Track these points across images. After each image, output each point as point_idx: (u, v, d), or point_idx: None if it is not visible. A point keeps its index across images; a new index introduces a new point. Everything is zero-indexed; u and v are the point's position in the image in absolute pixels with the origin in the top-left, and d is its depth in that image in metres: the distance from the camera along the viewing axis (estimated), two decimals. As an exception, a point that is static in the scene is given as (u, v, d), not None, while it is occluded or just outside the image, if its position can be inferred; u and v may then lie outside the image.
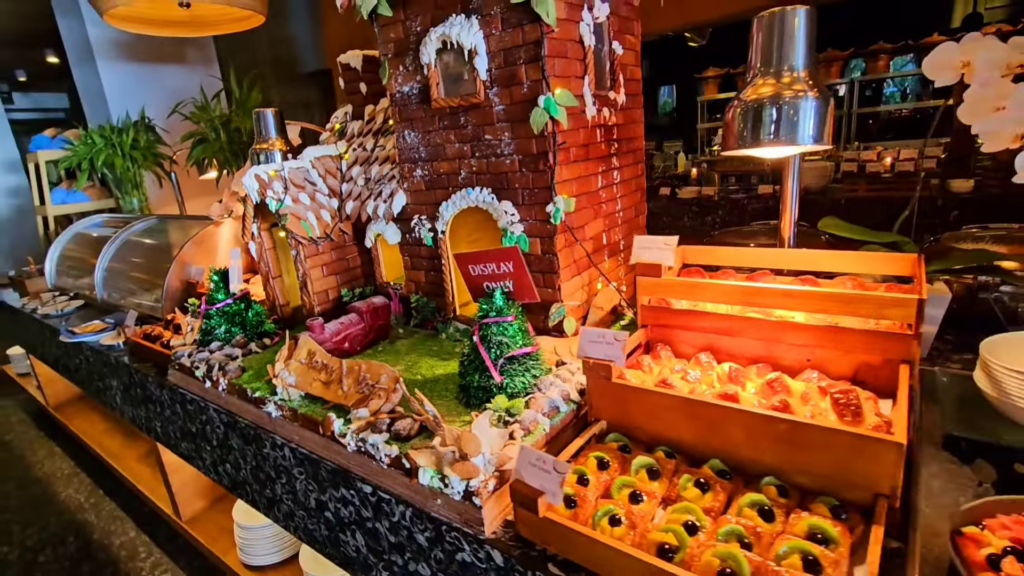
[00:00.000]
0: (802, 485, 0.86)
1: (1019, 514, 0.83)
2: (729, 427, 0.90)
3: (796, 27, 0.97)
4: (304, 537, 1.35)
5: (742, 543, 0.75)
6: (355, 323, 1.50)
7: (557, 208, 1.21)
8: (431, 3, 1.26)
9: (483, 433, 0.94)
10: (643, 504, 0.85)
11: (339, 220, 1.64)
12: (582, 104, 1.26)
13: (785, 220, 1.40)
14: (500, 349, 1.10)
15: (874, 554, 0.70)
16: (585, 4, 1.23)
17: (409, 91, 1.38)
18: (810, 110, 0.97)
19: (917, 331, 0.94)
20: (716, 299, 1.15)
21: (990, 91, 0.99)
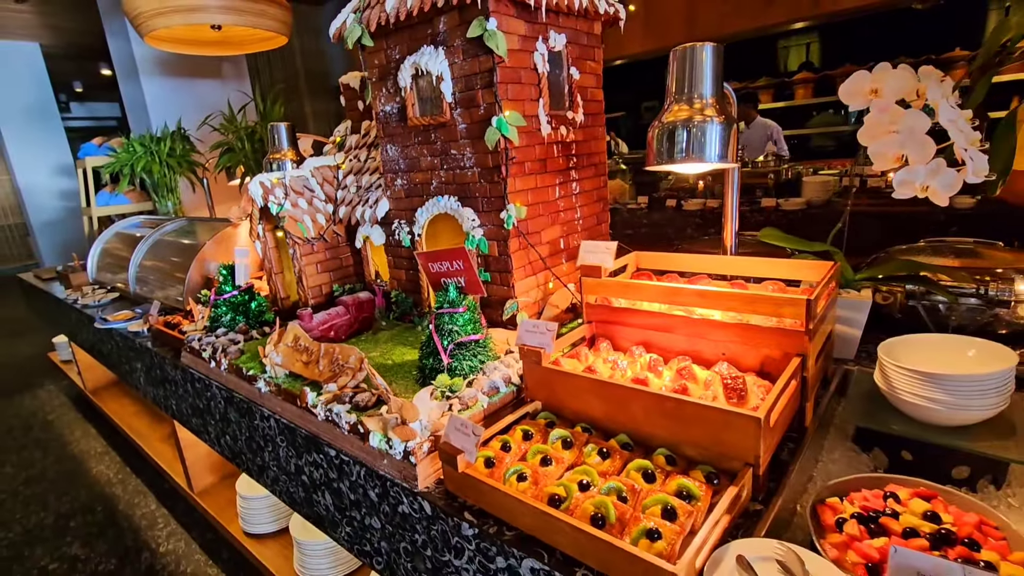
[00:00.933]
0: (689, 456, 0.99)
1: (878, 489, 0.95)
2: (632, 406, 1.04)
3: (704, 60, 1.11)
4: (286, 499, 1.53)
5: (620, 496, 0.89)
6: (341, 315, 1.69)
7: (509, 215, 1.37)
8: (406, 36, 1.44)
9: (423, 404, 1.10)
10: (551, 467, 1.00)
11: (333, 223, 1.83)
12: (536, 123, 1.42)
13: (727, 230, 1.53)
14: (451, 336, 1.26)
15: (721, 508, 0.83)
16: (540, 36, 1.39)
17: (390, 110, 1.57)
18: (715, 133, 1.11)
19: (807, 328, 1.06)
20: (644, 298, 1.29)
21: (886, 116, 1.10)
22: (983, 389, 0.98)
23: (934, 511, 0.86)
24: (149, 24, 2.90)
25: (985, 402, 0.99)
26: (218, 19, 2.93)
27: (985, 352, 1.07)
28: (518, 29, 1.33)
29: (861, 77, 1.21)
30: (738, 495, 0.88)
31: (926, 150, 1.02)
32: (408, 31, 1.44)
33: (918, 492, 0.91)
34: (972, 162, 1.00)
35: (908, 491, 0.92)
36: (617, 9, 1.59)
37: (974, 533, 0.82)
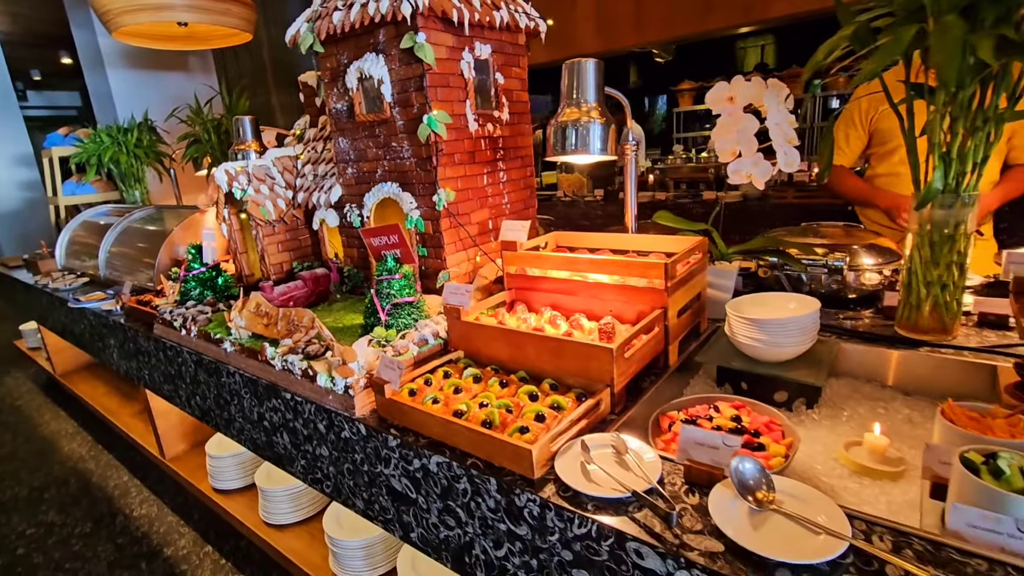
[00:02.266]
0: (569, 383, 1.27)
1: (707, 404, 1.24)
2: (527, 348, 1.31)
3: (588, 72, 1.39)
4: (250, 446, 1.76)
5: (507, 410, 1.16)
6: (299, 288, 1.92)
7: (440, 199, 1.62)
8: (353, 44, 1.68)
9: (361, 350, 1.35)
10: (460, 394, 1.26)
11: (292, 207, 2.06)
12: (464, 121, 1.67)
13: (628, 213, 1.82)
14: (389, 298, 1.52)
15: (579, 413, 1.11)
16: (466, 47, 1.65)
17: (341, 108, 1.80)
18: (597, 131, 1.39)
19: (667, 287, 1.35)
20: (550, 267, 1.56)
21: (732, 119, 1.39)
22: (790, 330, 1.28)
23: (739, 415, 1.16)
24: (117, 21, 3.04)
25: (793, 340, 1.29)
26: (184, 17, 3.09)
27: (801, 304, 1.38)
28: (446, 41, 1.58)
29: (722, 87, 1.51)
30: (595, 405, 1.16)
31: (752, 146, 1.31)
32: (354, 40, 1.67)
33: (733, 404, 1.21)
34: (785, 156, 1.30)
35: (727, 404, 1.21)
36: (537, 24, 1.85)
37: (760, 427, 1.12)
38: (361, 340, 1.38)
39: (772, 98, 1.40)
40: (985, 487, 0.79)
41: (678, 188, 4.96)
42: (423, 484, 1.18)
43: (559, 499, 0.94)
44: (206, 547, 2.40)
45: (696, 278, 1.54)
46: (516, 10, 1.78)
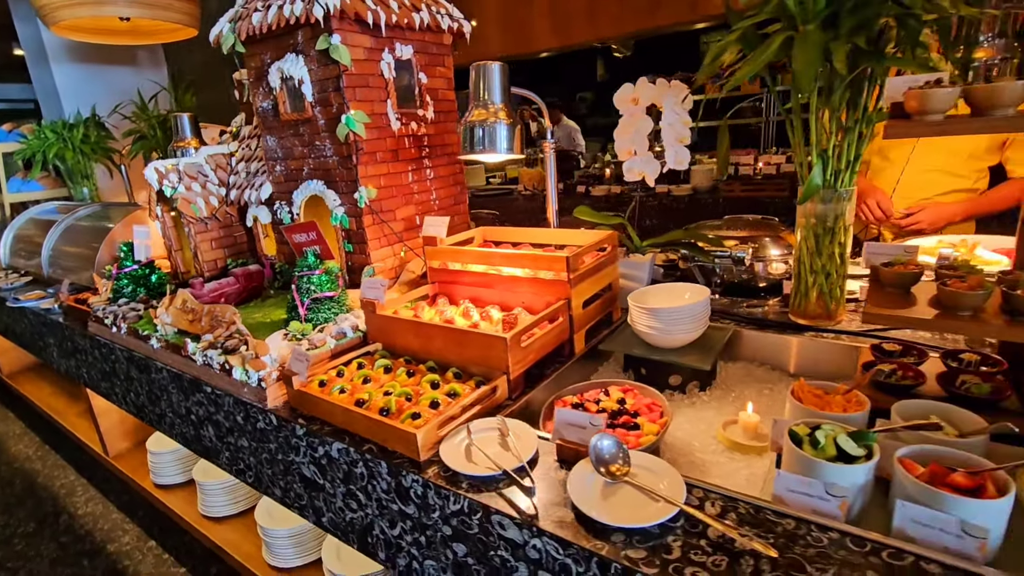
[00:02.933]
0: (472, 372, 1.33)
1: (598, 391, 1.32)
2: (435, 339, 1.38)
3: (494, 75, 1.45)
4: (181, 440, 1.79)
5: (407, 398, 1.22)
6: (231, 284, 1.95)
7: (361, 196, 1.67)
8: (274, 44, 1.71)
9: (274, 344, 1.40)
10: (369, 384, 1.32)
11: (226, 204, 2.08)
12: (386, 120, 1.72)
13: (549, 208, 1.89)
14: (309, 293, 1.56)
15: (470, 399, 1.18)
16: (385, 48, 1.69)
17: (267, 107, 1.83)
18: (503, 131, 1.45)
19: (569, 279, 1.42)
20: (466, 261, 1.63)
21: (631, 119, 1.47)
22: (681, 317, 1.37)
23: (624, 399, 1.24)
24: (55, 15, 2.98)
25: (684, 327, 1.38)
26: (125, 12, 3.05)
27: (694, 293, 1.47)
28: (363, 43, 1.63)
29: (627, 88, 1.58)
30: (492, 391, 1.23)
31: (645, 146, 1.39)
32: (275, 40, 1.70)
33: (623, 388, 1.29)
34: (675, 155, 1.38)
35: (618, 388, 1.29)
36: (461, 24, 1.90)
37: (641, 409, 1.20)
38: (276, 334, 1.42)
39: (670, 99, 1.48)
40: (802, 456, 0.88)
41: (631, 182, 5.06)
42: (328, 470, 1.24)
43: (440, 479, 1.01)
44: (150, 542, 2.42)
45: (605, 270, 1.61)
46: (438, 11, 1.83)
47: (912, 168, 2.37)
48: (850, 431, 0.90)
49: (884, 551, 0.75)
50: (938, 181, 2.37)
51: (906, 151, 2.41)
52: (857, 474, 0.84)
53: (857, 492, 0.84)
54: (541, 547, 0.87)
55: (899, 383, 1.10)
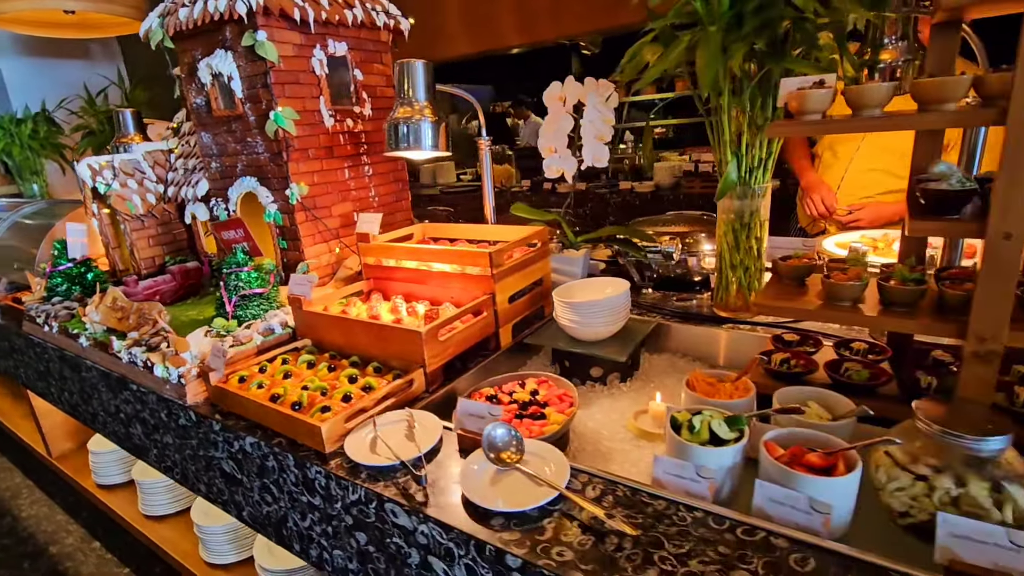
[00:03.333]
0: (393, 366, 1.35)
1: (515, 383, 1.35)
2: (358, 334, 1.39)
3: (418, 72, 1.47)
4: (114, 439, 1.78)
5: (323, 392, 1.23)
6: (167, 281, 1.94)
7: (292, 192, 1.67)
8: (204, 40, 1.70)
9: (195, 340, 1.40)
10: (289, 379, 1.33)
11: (163, 201, 2.06)
12: (318, 117, 1.73)
13: (486, 205, 1.91)
14: (237, 290, 1.56)
15: (381, 393, 1.20)
16: (317, 44, 1.69)
17: (200, 103, 1.82)
18: (427, 129, 1.47)
19: (492, 274, 1.45)
20: (397, 257, 1.64)
21: (553, 117, 1.50)
22: (599, 311, 1.40)
23: (538, 390, 1.27)
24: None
25: (603, 320, 1.42)
26: (69, 4, 2.98)
27: (615, 288, 1.51)
28: (292, 39, 1.63)
29: (555, 87, 1.61)
30: (406, 384, 1.25)
31: (564, 143, 1.42)
32: (205, 36, 1.69)
33: (539, 380, 1.32)
34: (593, 152, 1.41)
35: (534, 380, 1.33)
36: (398, 21, 1.91)
37: (553, 399, 1.23)
38: (198, 331, 1.42)
39: (593, 98, 1.51)
40: (678, 440, 0.92)
41: (598, 179, 5.12)
42: (244, 465, 1.25)
43: (341, 470, 1.03)
44: (94, 543, 2.39)
45: (535, 265, 1.64)
46: (373, 8, 1.84)
47: (857, 166, 2.44)
48: (727, 416, 0.94)
49: (739, 528, 0.79)
50: (880, 180, 2.44)
51: (852, 149, 2.49)
52: (725, 456, 0.88)
53: (726, 473, 0.89)
54: (428, 532, 0.89)
55: (791, 371, 1.15)
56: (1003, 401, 0.94)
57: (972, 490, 0.74)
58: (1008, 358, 1.07)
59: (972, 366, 0.90)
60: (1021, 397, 0.93)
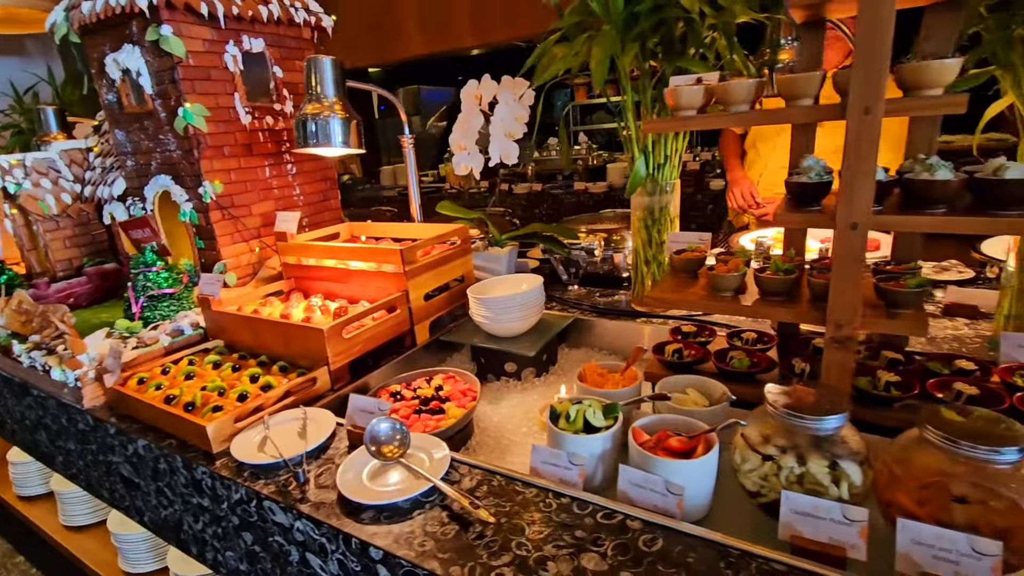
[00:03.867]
0: (300, 364, 1.34)
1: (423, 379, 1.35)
2: (265, 333, 1.38)
3: (326, 69, 1.46)
4: (23, 447, 1.71)
5: (220, 392, 1.21)
6: (83, 283, 1.88)
7: (205, 191, 1.64)
8: (112, 34, 1.65)
9: (94, 343, 1.36)
10: (191, 380, 1.30)
11: (80, 201, 1.99)
12: (234, 114, 1.70)
13: (412, 204, 1.91)
14: (146, 291, 1.52)
15: (281, 391, 1.19)
16: (230, 40, 1.67)
17: (112, 99, 1.77)
18: (337, 125, 1.46)
19: (405, 271, 1.45)
20: (319, 256, 1.63)
21: (465, 116, 1.51)
22: (508, 307, 1.42)
23: (443, 385, 1.27)
24: (-94, -1, 2.77)
25: (514, 315, 1.43)
26: (-10, -3, 2.86)
27: (529, 284, 1.52)
28: (202, 34, 1.60)
29: (472, 85, 1.62)
30: (309, 382, 1.24)
31: (472, 141, 1.43)
32: (112, 30, 1.65)
33: (447, 376, 1.32)
34: (501, 149, 1.43)
35: (442, 376, 1.33)
36: (320, 18, 1.89)
37: (455, 395, 1.24)
38: (98, 333, 1.39)
39: (506, 95, 1.53)
40: (553, 430, 0.93)
41: (553, 180, 5.16)
42: (140, 468, 1.22)
43: (225, 470, 1.01)
44: (17, 557, 2.29)
45: (454, 262, 1.65)
46: (292, 5, 1.81)
47: (773, 164, 2.53)
48: (605, 405, 0.96)
49: (600, 512, 0.81)
50: None
51: (770, 147, 2.58)
52: (595, 444, 0.90)
53: (597, 460, 0.91)
54: (303, 528, 0.89)
55: (683, 361, 1.18)
56: (867, 385, 0.99)
57: (812, 468, 0.78)
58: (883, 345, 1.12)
59: (832, 351, 0.94)
60: (882, 380, 0.98)
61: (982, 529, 0.68)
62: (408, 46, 5.34)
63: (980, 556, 0.65)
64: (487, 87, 1.57)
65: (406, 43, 5.44)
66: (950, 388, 0.93)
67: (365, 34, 5.60)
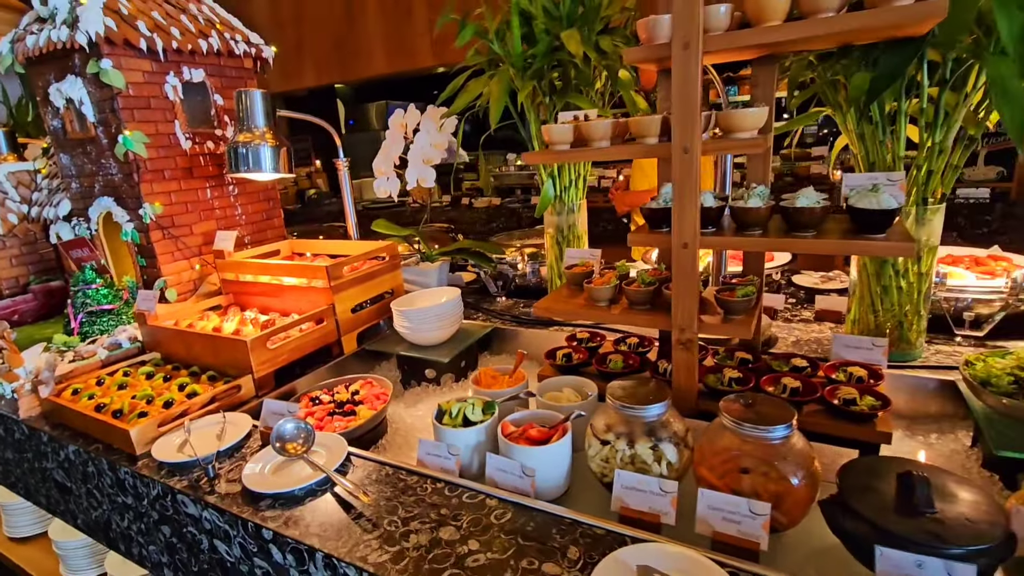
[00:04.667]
0: (229, 373, 1.45)
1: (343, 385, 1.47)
2: (195, 345, 1.48)
3: (256, 101, 1.58)
4: (-37, 460, 1.77)
5: (148, 399, 1.31)
6: (28, 301, 1.95)
7: (146, 212, 1.74)
8: (56, 65, 1.75)
9: (32, 356, 1.45)
10: (124, 390, 1.40)
11: (27, 221, 2.07)
12: (175, 140, 1.81)
13: (348, 221, 2.04)
14: (85, 307, 1.61)
15: (206, 398, 1.29)
16: (171, 71, 1.78)
17: (57, 125, 1.86)
18: (267, 152, 1.59)
19: (331, 286, 1.57)
20: (251, 273, 1.74)
21: (392, 142, 1.65)
22: (425, 317, 1.55)
23: (359, 390, 1.40)
24: None
25: (431, 325, 1.56)
26: (-58, 20, 2.91)
27: (448, 296, 1.66)
28: (142, 66, 1.71)
29: (399, 114, 1.76)
30: (234, 389, 1.35)
31: (391, 165, 1.57)
32: (55, 61, 1.75)
33: (366, 381, 1.45)
34: (418, 174, 1.57)
35: (362, 382, 1.45)
36: (260, 49, 2.02)
37: (369, 399, 1.36)
38: (37, 347, 1.47)
39: (427, 123, 1.67)
40: (436, 425, 1.06)
41: (512, 194, 5.34)
42: (72, 472, 1.31)
43: (146, 469, 1.11)
44: (-40, 574, 2.31)
45: (383, 277, 1.77)
46: (232, 38, 1.94)
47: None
48: (485, 402, 1.10)
49: (466, 494, 0.94)
50: None
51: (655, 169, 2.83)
52: (470, 436, 1.04)
53: (473, 450, 1.04)
54: (210, 517, 1.00)
55: (571, 364, 1.32)
56: (714, 381, 1.14)
57: (639, 450, 0.92)
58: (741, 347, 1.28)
59: (678, 352, 1.10)
60: (726, 377, 1.14)
61: (761, 495, 0.83)
62: (372, 65, 5.49)
63: (755, 516, 0.80)
64: (412, 116, 1.72)
65: (369, 62, 5.59)
66: (778, 382, 1.09)
67: (331, 53, 5.73)
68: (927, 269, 1.26)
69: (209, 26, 1.88)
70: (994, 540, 0.69)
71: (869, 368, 1.12)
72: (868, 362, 1.14)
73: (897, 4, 0.83)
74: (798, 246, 0.98)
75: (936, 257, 1.26)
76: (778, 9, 0.92)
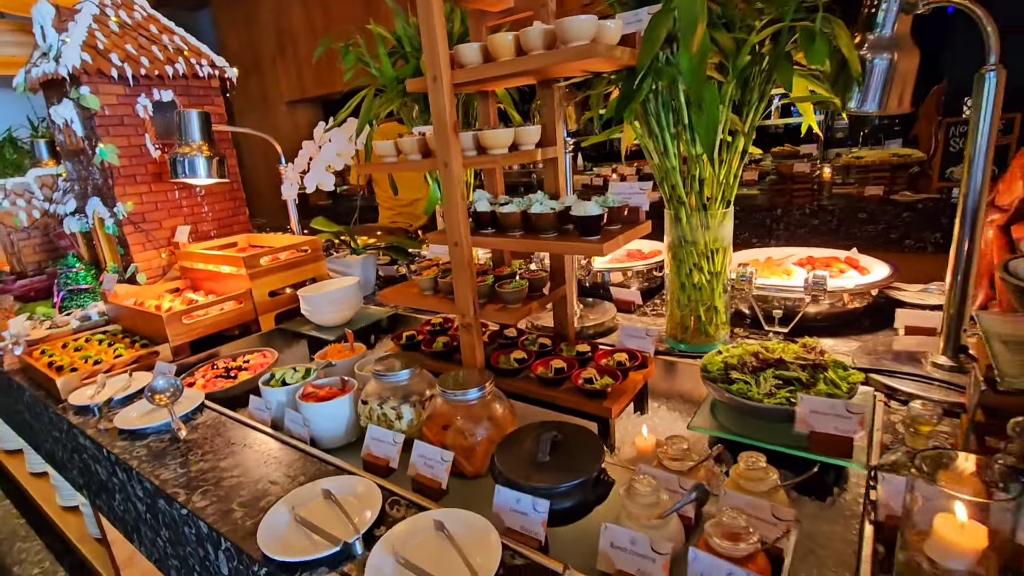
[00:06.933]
0: (158, 341, 1.78)
1: (244, 354, 1.77)
2: (137, 319, 1.83)
3: (193, 120, 1.91)
4: (-13, 405, 2.24)
5: (96, 361, 1.67)
6: (43, 280, 2.40)
7: (119, 210, 2.13)
8: (55, 90, 2.17)
9: (16, 323, 1.85)
10: (78, 352, 1.77)
11: (48, 216, 2.54)
12: (145, 150, 2.18)
13: (292, 222, 2.34)
14: (67, 286, 2.01)
15: (127, 359, 1.63)
16: (142, 93, 2.15)
17: (61, 139, 2.29)
18: (201, 162, 1.91)
19: (249, 273, 1.87)
20: (200, 261, 2.08)
21: (305, 152, 1.93)
22: (319, 302, 1.82)
23: (250, 359, 1.68)
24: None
25: (327, 309, 1.83)
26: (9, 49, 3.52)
27: (345, 284, 1.92)
28: (116, 91, 2.09)
29: (320, 128, 2.04)
30: (152, 353, 1.68)
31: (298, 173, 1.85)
32: (55, 88, 2.16)
33: (261, 353, 1.73)
34: (317, 179, 1.83)
35: (258, 354, 1.74)
36: (224, 70, 2.36)
37: (254, 367, 1.65)
38: (21, 316, 1.88)
39: (337, 135, 1.94)
40: (260, 386, 1.33)
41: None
42: (33, 410, 1.69)
43: (65, 411, 1.45)
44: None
45: (306, 267, 2.06)
46: (199, 62, 2.29)
47: None
48: (305, 368, 1.35)
49: (260, 437, 1.20)
50: None
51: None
52: (280, 395, 1.29)
53: (283, 407, 1.30)
54: (89, 446, 1.31)
55: (413, 343, 1.55)
56: (504, 362, 1.33)
57: (385, 409, 1.14)
58: (551, 335, 1.45)
59: (463, 334, 1.29)
60: (512, 359, 1.32)
61: (455, 448, 1.03)
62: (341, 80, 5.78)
63: (443, 461, 1.01)
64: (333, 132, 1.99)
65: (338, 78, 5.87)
66: (548, 364, 1.27)
67: (307, 69, 6.03)
68: (719, 269, 1.37)
69: (177, 53, 2.24)
70: (583, 477, 0.86)
71: (635, 353, 1.27)
72: (639, 349, 1.29)
73: (569, 47, 0.99)
74: (539, 246, 1.16)
75: (728, 257, 1.38)
76: (506, 49, 1.10)
